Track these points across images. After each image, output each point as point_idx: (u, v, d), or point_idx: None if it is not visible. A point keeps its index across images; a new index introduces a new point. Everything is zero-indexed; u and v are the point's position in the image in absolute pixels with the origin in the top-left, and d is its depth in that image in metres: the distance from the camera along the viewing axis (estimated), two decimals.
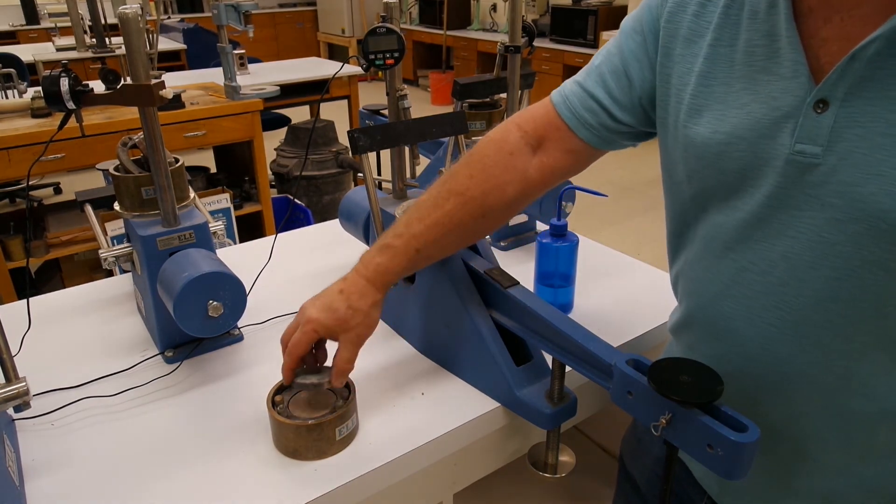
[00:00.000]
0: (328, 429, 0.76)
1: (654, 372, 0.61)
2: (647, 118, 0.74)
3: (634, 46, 0.72)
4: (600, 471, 1.34)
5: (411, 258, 0.79)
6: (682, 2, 0.67)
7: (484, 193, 0.79)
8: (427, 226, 0.79)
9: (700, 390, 0.58)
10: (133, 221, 0.94)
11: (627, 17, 0.76)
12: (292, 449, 0.77)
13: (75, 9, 3.00)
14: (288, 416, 0.77)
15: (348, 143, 0.94)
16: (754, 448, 0.56)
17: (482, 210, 0.79)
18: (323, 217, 3.10)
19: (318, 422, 0.76)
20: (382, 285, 0.80)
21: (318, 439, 0.76)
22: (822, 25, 0.57)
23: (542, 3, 6.57)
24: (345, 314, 0.77)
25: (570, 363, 0.74)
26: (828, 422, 0.63)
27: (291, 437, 0.76)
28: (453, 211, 0.78)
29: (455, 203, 0.78)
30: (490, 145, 0.81)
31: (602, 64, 0.76)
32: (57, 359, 0.97)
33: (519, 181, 0.79)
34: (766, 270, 0.62)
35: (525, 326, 0.81)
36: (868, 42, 0.52)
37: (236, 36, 4.48)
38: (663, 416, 0.60)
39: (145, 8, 3.11)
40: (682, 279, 0.74)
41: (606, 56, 0.76)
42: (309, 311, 0.78)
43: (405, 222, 0.80)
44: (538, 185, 0.81)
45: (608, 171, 4.81)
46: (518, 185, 0.79)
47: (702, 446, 0.58)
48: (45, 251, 2.53)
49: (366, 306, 0.78)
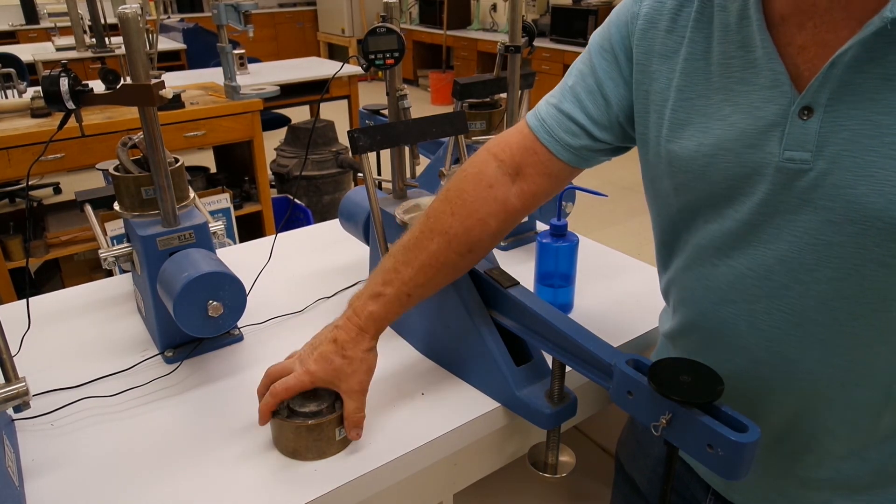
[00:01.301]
0: (328, 429, 0.76)
1: (654, 372, 0.61)
2: (626, 135, 0.75)
3: (607, 66, 0.72)
4: (600, 471, 1.34)
5: (403, 303, 0.79)
6: (651, 20, 0.68)
7: (467, 230, 0.78)
8: (415, 270, 0.78)
9: (700, 390, 0.59)
10: (133, 221, 0.93)
11: (594, 34, 0.75)
12: (292, 449, 0.77)
13: (75, 9, 3.00)
14: (288, 417, 0.77)
15: (348, 143, 0.94)
16: (754, 448, 0.56)
17: (468, 246, 0.79)
18: (323, 217, 3.11)
19: (318, 422, 0.75)
20: (376, 332, 0.80)
21: (318, 439, 0.76)
22: (797, 33, 0.57)
23: (542, 3, 6.57)
24: (340, 364, 0.76)
25: (570, 363, 0.74)
26: (834, 413, 0.64)
27: (291, 437, 0.76)
28: (439, 251, 0.78)
29: (439, 243, 0.78)
30: (468, 180, 0.79)
31: (576, 84, 0.75)
32: (57, 359, 0.97)
33: (501, 212, 0.79)
34: (764, 275, 0.62)
35: (525, 326, 0.81)
36: (846, 49, 0.53)
37: (236, 36, 4.48)
38: (663, 416, 0.60)
39: (145, 8, 3.11)
40: (674, 287, 0.74)
41: (579, 76, 0.75)
42: (306, 364, 0.77)
43: (392, 267, 0.79)
44: (520, 211, 0.80)
45: (608, 171, 4.80)
46: (500, 215, 0.79)
47: (702, 446, 0.58)
48: (45, 251, 2.53)
49: (360, 353, 0.78)
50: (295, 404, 0.77)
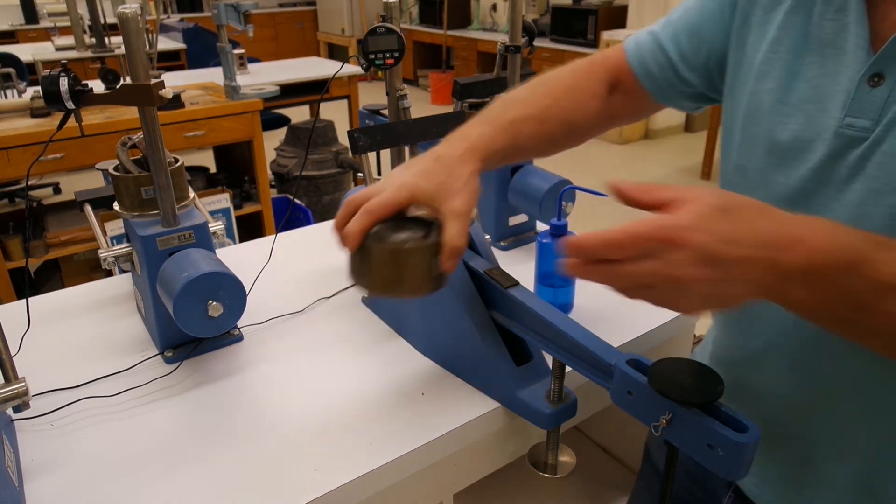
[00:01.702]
0: (427, 256, 0.64)
1: (655, 372, 0.61)
2: (712, 82, 0.75)
3: (714, 7, 0.72)
4: (600, 471, 1.34)
5: (512, 137, 0.74)
6: None
7: (574, 104, 0.79)
8: (520, 114, 0.75)
9: (700, 391, 0.58)
10: (133, 221, 0.93)
11: None
12: (383, 281, 0.65)
13: (75, 9, 3.00)
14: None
15: (348, 143, 0.94)
16: (754, 448, 0.56)
17: (569, 123, 0.80)
18: (323, 217, 3.11)
19: (417, 245, 0.62)
20: (485, 156, 0.71)
21: (416, 267, 0.64)
22: (893, 8, 0.56)
23: (542, 3, 6.57)
24: (446, 180, 0.67)
25: (570, 363, 0.74)
26: (858, 403, 0.62)
27: (386, 264, 0.64)
28: (546, 109, 0.78)
29: (548, 103, 0.78)
30: (580, 71, 0.83)
31: (679, 19, 0.76)
32: (56, 359, 0.97)
33: (599, 108, 0.81)
34: None
35: (525, 326, 0.81)
36: None
37: (236, 36, 4.47)
38: (663, 417, 0.60)
39: (145, 8, 3.11)
40: None
41: (684, 12, 0.76)
42: (402, 177, 0.68)
43: (496, 112, 0.76)
44: (611, 118, 0.84)
45: (608, 171, 4.81)
46: (598, 112, 0.81)
47: (702, 446, 0.58)
48: (45, 251, 2.53)
49: (467, 173, 0.68)
50: (383, 232, 0.65)
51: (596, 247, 0.49)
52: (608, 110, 0.82)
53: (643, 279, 0.48)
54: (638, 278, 0.48)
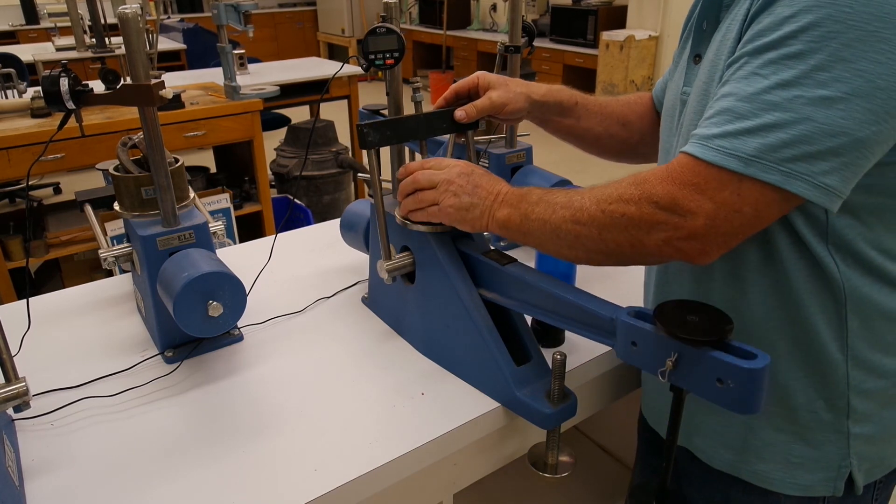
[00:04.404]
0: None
1: (661, 314, 0.61)
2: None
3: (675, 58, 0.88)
4: (600, 471, 1.34)
5: (572, 97, 1.00)
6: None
7: (628, 106, 1.05)
8: (584, 96, 1.02)
9: (709, 327, 0.58)
10: (133, 221, 0.93)
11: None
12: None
13: (75, 9, 2.99)
14: None
15: (356, 137, 0.94)
16: (766, 374, 0.54)
17: (624, 118, 1.04)
18: (323, 217, 3.11)
19: None
20: (541, 95, 0.97)
21: None
22: None
23: (542, 3, 6.57)
24: (504, 90, 0.94)
25: (572, 328, 0.75)
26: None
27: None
28: (607, 103, 1.03)
29: (609, 100, 1.04)
30: (631, 96, 1.07)
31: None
32: (57, 359, 0.97)
33: (646, 121, 1.05)
34: None
35: (524, 301, 0.81)
36: None
37: (236, 36, 4.48)
38: (669, 359, 0.59)
39: (145, 8, 3.11)
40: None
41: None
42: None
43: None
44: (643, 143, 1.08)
45: (609, 171, 4.80)
46: (645, 118, 1.05)
47: (711, 383, 0.56)
48: (45, 251, 2.53)
49: (518, 91, 0.96)
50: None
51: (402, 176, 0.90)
52: (649, 130, 1.03)
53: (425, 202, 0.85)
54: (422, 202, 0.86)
